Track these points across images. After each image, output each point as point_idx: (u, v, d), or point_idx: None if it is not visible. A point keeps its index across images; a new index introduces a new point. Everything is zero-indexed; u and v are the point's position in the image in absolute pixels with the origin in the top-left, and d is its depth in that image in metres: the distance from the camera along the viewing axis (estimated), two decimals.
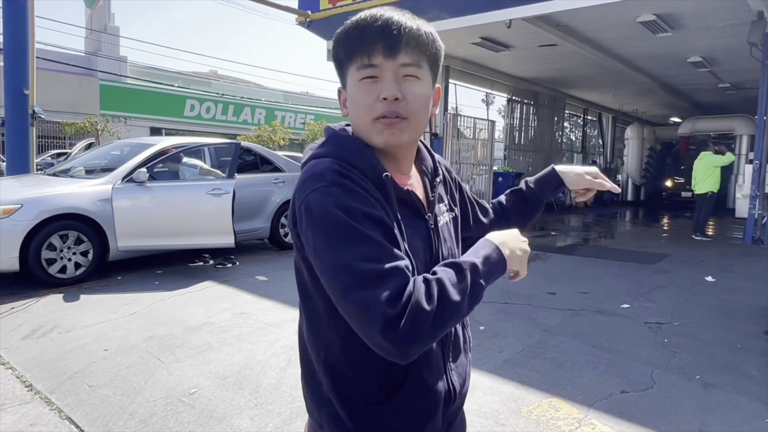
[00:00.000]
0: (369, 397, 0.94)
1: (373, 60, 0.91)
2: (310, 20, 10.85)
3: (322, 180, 0.87)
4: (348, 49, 0.94)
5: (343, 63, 0.96)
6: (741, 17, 8.52)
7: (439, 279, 0.83)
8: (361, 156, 0.94)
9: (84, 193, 5.57)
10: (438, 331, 0.82)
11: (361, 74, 0.92)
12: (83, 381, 3.22)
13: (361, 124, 0.95)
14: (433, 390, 0.98)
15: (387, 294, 0.78)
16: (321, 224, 0.85)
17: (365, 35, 0.91)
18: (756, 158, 9.12)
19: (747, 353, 3.88)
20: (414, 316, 0.78)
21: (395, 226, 0.90)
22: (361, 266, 0.80)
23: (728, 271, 6.74)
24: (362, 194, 0.87)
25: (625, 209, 17.21)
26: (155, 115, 24.73)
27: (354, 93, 0.94)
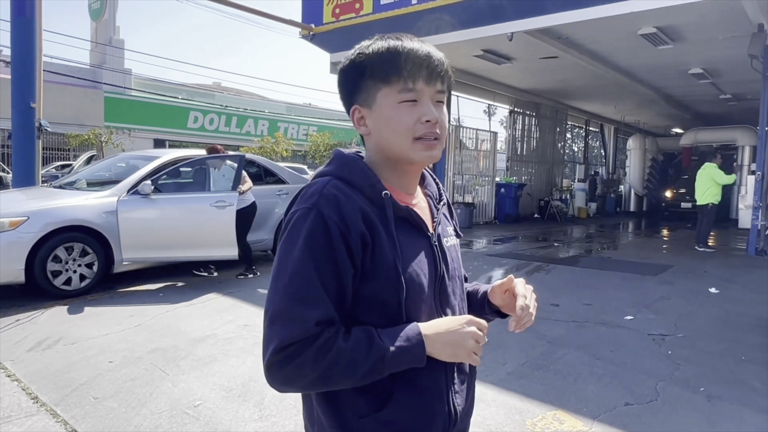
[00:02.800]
0: (357, 409, 0.96)
1: (417, 85, 0.97)
2: (313, 33, 10.95)
3: (308, 201, 0.94)
4: (387, 71, 0.97)
5: (375, 83, 0.98)
6: (741, 29, 8.58)
7: (341, 350, 0.88)
8: (363, 175, 0.99)
9: (89, 206, 5.61)
10: (318, 388, 0.92)
11: (402, 97, 0.97)
12: (88, 393, 3.23)
13: (398, 143, 0.99)
14: (427, 409, 0.99)
15: (282, 339, 0.87)
16: (285, 242, 0.94)
17: (409, 61, 0.97)
18: (758, 169, 9.13)
19: (752, 365, 3.87)
20: (294, 371, 0.87)
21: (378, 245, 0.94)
22: (282, 299, 0.89)
23: (732, 282, 6.73)
24: (333, 230, 0.90)
25: (627, 220, 17.21)
26: (159, 127, 24.88)
27: (391, 113, 0.98)
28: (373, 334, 0.91)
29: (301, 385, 0.90)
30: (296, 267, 0.90)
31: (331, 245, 0.90)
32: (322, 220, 0.91)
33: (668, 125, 21.39)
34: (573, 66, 11.56)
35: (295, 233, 0.92)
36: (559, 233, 12.64)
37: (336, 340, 0.89)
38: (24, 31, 7.99)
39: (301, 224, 0.92)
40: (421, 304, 0.99)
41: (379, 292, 0.95)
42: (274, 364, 0.87)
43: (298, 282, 0.89)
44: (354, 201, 0.94)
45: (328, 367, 0.87)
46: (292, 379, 0.88)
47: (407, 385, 0.97)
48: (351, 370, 0.88)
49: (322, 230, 0.90)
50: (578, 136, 22.48)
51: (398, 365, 0.93)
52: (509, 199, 14.43)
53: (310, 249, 0.90)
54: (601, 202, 18.69)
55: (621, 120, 20.36)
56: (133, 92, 24.63)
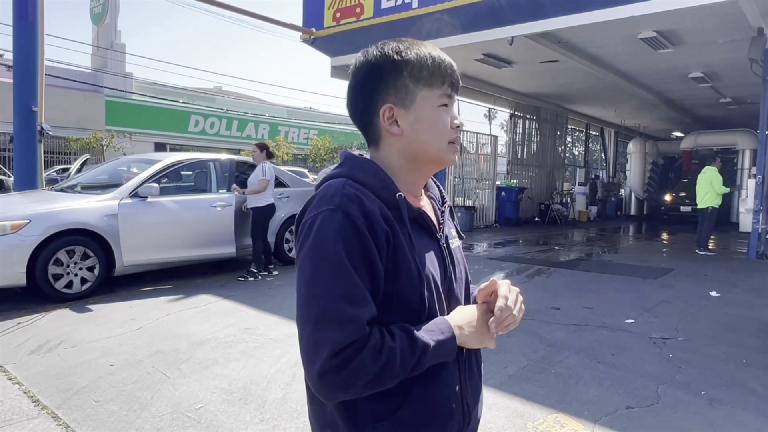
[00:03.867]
0: (373, 412, 0.95)
1: (452, 92, 1.04)
2: (314, 37, 10.99)
3: (330, 203, 0.92)
4: (435, 74, 1.01)
5: (416, 85, 1.00)
6: (741, 33, 8.61)
7: (392, 348, 0.88)
8: (376, 176, 0.98)
9: (91, 209, 5.62)
10: (367, 391, 0.89)
11: (442, 101, 1.02)
12: (90, 396, 3.23)
13: (436, 144, 1.02)
14: (443, 408, 1.00)
15: (337, 341, 0.84)
16: (313, 246, 0.90)
17: (450, 70, 1.03)
18: (759, 172, 9.14)
19: (753, 369, 3.87)
20: (352, 374, 0.84)
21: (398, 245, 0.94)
22: (329, 302, 0.86)
23: (733, 286, 6.73)
24: (362, 229, 0.90)
25: (628, 223, 17.21)
26: (160, 131, 24.91)
27: (432, 116, 1.01)
28: (411, 330, 0.92)
29: (358, 388, 0.86)
30: (335, 268, 0.88)
31: (364, 244, 0.89)
32: (350, 219, 0.90)
33: (668, 129, 21.42)
34: (573, 70, 11.59)
35: (324, 235, 0.90)
36: (560, 237, 12.64)
37: (385, 338, 0.88)
38: (26, 36, 8.02)
39: (328, 226, 0.90)
40: (436, 304, 1.00)
41: (401, 292, 0.94)
42: (330, 370, 0.84)
43: (341, 282, 0.87)
44: (374, 201, 0.94)
45: (383, 367, 0.86)
46: (349, 383, 0.85)
47: (422, 386, 0.97)
48: (402, 368, 0.88)
49: (352, 230, 0.89)
50: (579, 140, 22.51)
51: (436, 358, 0.94)
52: (510, 203, 14.44)
53: (345, 249, 0.88)
54: (602, 206, 18.70)
55: (621, 124, 20.39)
56: (134, 96, 24.65)
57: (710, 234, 9.98)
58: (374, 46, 1.03)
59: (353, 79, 1.04)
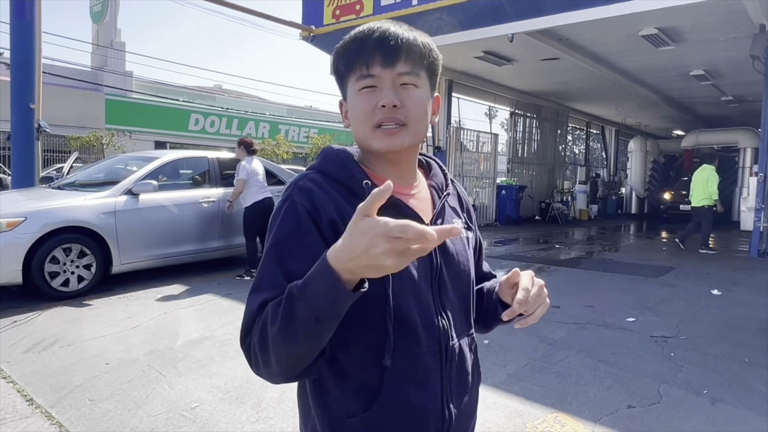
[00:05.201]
0: (346, 408, 0.93)
1: (372, 70, 0.93)
2: (314, 35, 10.95)
3: (284, 194, 0.96)
4: (347, 61, 0.96)
5: (343, 75, 0.99)
6: (743, 31, 8.56)
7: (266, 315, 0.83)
8: (342, 166, 0.98)
9: (87, 206, 5.59)
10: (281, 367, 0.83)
11: (360, 84, 0.95)
12: (84, 395, 3.19)
13: (361, 132, 0.97)
14: (418, 409, 0.94)
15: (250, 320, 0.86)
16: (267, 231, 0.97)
17: (363, 47, 0.94)
18: (761, 171, 9.09)
19: (755, 368, 3.83)
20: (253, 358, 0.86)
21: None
22: (257, 283, 0.89)
23: (734, 285, 6.69)
24: (302, 215, 0.90)
25: (628, 222, 17.17)
26: (160, 129, 24.88)
27: (353, 102, 0.97)
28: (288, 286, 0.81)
29: (264, 364, 0.84)
30: (264, 257, 0.92)
31: (299, 228, 0.90)
32: (294, 207, 0.92)
33: (669, 127, 21.37)
34: (574, 67, 11.54)
35: (271, 223, 0.95)
36: (560, 235, 12.59)
37: (268, 312, 0.82)
38: (23, 33, 7.98)
39: (276, 214, 0.94)
40: (411, 296, 0.93)
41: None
42: (245, 351, 0.88)
43: (260, 270, 0.91)
44: (329, 193, 0.93)
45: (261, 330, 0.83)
46: (257, 364, 0.86)
47: (395, 382, 0.93)
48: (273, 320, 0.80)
49: (292, 216, 0.91)
50: (579, 138, 22.46)
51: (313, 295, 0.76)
52: (510, 201, 14.40)
53: (278, 232, 0.91)
54: (602, 205, 18.65)
55: (622, 122, 20.34)
56: (134, 95, 24.63)
57: (709, 233, 9.91)
58: None
59: None
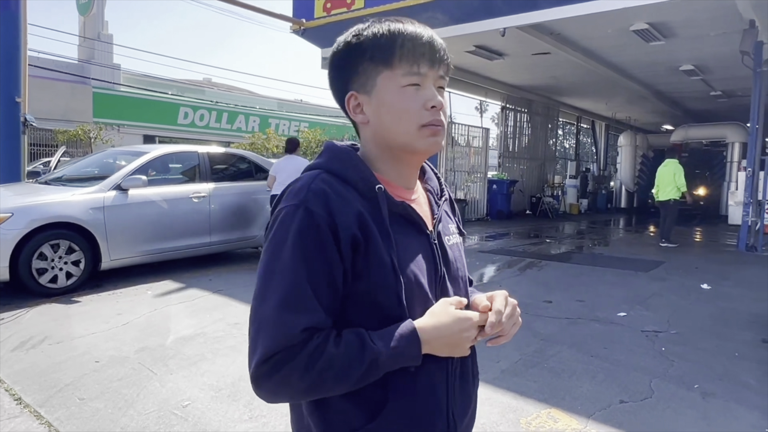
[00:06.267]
0: (348, 420, 0.90)
1: (422, 68, 0.92)
2: (304, 28, 10.86)
3: (296, 197, 0.87)
4: (390, 54, 0.91)
5: (375, 66, 0.92)
6: (733, 26, 8.60)
7: (332, 356, 0.82)
8: (354, 167, 0.93)
9: (75, 202, 5.51)
10: (307, 397, 0.88)
11: (407, 80, 0.91)
12: (74, 394, 3.15)
13: (402, 130, 0.92)
14: (421, 419, 0.93)
15: (269, 347, 0.81)
16: (270, 243, 0.87)
17: (416, 43, 0.92)
18: (749, 165, 9.18)
19: (745, 362, 3.86)
20: (282, 381, 0.82)
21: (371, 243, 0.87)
22: (268, 306, 0.83)
23: (723, 279, 6.75)
24: (322, 227, 0.84)
25: (618, 216, 17.28)
26: (149, 123, 24.65)
27: (395, 98, 0.92)
28: (365, 336, 0.85)
29: (290, 395, 0.85)
30: (284, 269, 0.83)
31: (322, 244, 0.84)
32: (311, 217, 0.84)
33: (659, 122, 21.49)
34: (565, 62, 11.55)
35: (283, 232, 0.86)
36: (551, 230, 12.65)
37: (326, 345, 0.82)
38: (8, 25, 7.83)
39: (288, 222, 0.86)
40: (420, 306, 0.92)
41: (373, 293, 0.88)
42: (260, 376, 0.82)
43: (285, 286, 0.83)
44: (345, 197, 0.88)
45: (319, 375, 0.81)
46: (279, 390, 0.83)
47: (402, 393, 0.90)
48: (344, 377, 0.83)
49: (311, 229, 0.84)
50: (570, 133, 22.55)
51: (393, 365, 0.86)
52: (501, 196, 14.43)
53: (300, 249, 0.84)
54: (592, 199, 18.75)
55: (612, 117, 20.42)
56: (122, 88, 24.35)
57: (673, 226, 9.93)
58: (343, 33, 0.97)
59: (328, 73, 1.00)
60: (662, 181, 9.86)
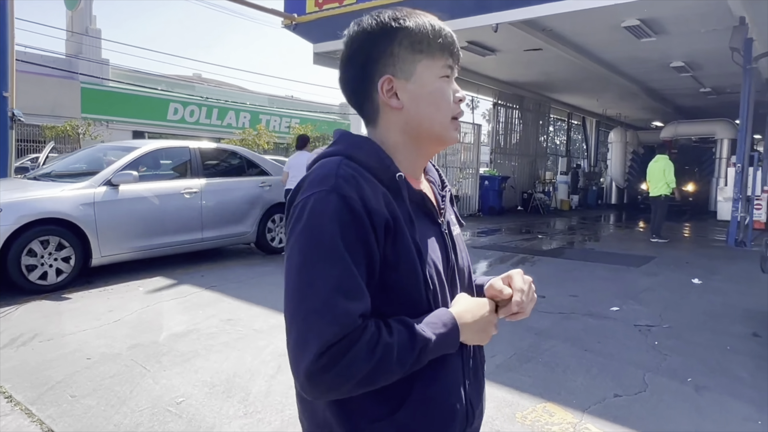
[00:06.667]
0: (370, 413, 0.88)
1: (454, 63, 0.97)
2: (296, 23, 10.79)
3: (324, 184, 0.84)
4: (432, 45, 0.93)
5: (414, 54, 0.93)
6: (723, 23, 8.65)
7: (388, 344, 0.81)
8: (375, 155, 0.91)
9: (65, 197, 5.44)
10: (359, 390, 0.82)
11: (444, 72, 0.95)
12: (65, 391, 3.11)
13: (438, 120, 0.94)
14: (445, 408, 0.93)
15: (327, 338, 0.77)
16: (305, 231, 0.82)
17: (451, 39, 0.96)
18: (738, 161, 9.26)
19: (737, 355, 3.90)
20: (342, 373, 0.77)
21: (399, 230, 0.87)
22: (319, 294, 0.79)
23: (714, 273, 6.81)
24: (359, 212, 0.82)
25: (608, 212, 17.38)
26: (138, 119, 24.43)
27: (434, 88, 0.94)
28: (412, 324, 0.85)
29: (349, 387, 0.79)
30: (330, 256, 0.80)
31: (361, 228, 0.82)
32: (346, 202, 0.82)
33: (649, 118, 21.63)
34: (557, 58, 11.58)
35: (318, 219, 0.82)
36: (543, 225, 12.70)
37: (381, 333, 0.81)
38: None
39: (322, 209, 0.82)
40: (439, 295, 0.93)
41: (401, 280, 0.87)
42: (317, 370, 0.77)
43: (336, 272, 0.79)
44: (372, 182, 0.87)
45: (378, 364, 0.79)
46: (339, 383, 0.78)
47: (425, 383, 0.90)
48: (398, 365, 0.82)
49: (348, 213, 0.81)
50: (561, 129, 22.62)
51: (437, 352, 0.88)
52: (493, 192, 14.47)
53: (341, 234, 0.81)
54: (583, 195, 18.85)
55: (603, 113, 20.52)
56: (110, 83, 24.12)
57: (663, 222, 10.01)
58: (369, 15, 0.95)
59: (347, 50, 0.96)
60: (653, 177, 9.93)
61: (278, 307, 4.84)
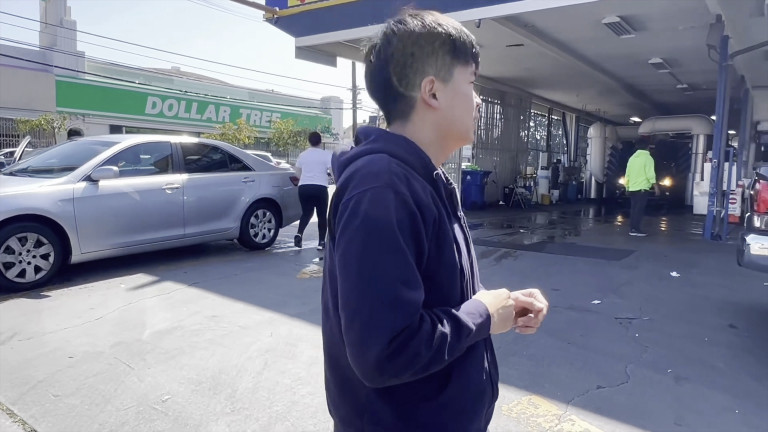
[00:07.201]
0: (417, 394, 0.94)
1: (477, 70, 1.05)
2: (278, 17, 10.69)
3: (379, 180, 0.87)
4: (467, 53, 1.02)
5: (452, 59, 1.00)
6: (700, 20, 8.80)
7: (444, 334, 0.86)
8: (415, 153, 0.96)
9: (43, 193, 5.33)
10: (416, 377, 0.86)
11: (471, 78, 1.03)
12: (48, 390, 3.07)
13: (467, 120, 1.03)
14: (478, 387, 1.01)
15: (396, 326, 0.81)
16: (364, 225, 0.85)
17: (477, 47, 1.05)
18: (714, 156, 9.45)
19: (714, 346, 4.00)
20: (408, 360, 0.82)
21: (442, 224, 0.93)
22: (385, 284, 0.83)
23: (691, 266, 6.96)
24: (412, 208, 0.87)
25: (588, 206, 17.62)
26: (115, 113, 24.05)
27: (466, 92, 1.03)
28: (456, 314, 0.91)
29: (410, 373, 0.84)
30: (391, 248, 0.84)
31: (415, 224, 0.87)
32: (401, 198, 0.86)
33: (627, 114, 21.92)
34: (538, 54, 11.66)
35: (377, 213, 0.85)
36: (524, 220, 12.83)
37: (436, 323, 0.87)
38: None
39: (380, 204, 0.85)
40: (467, 286, 1.00)
41: (442, 272, 0.93)
42: (388, 356, 0.80)
43: (401, 265, 0.84)
44: (418, 179, 0.92)
45: (435, 352, 0.84)
46: (404, 369, 0.83)
47: (461, 366, 0.97)
48: (449, 351, 0.87)
49: (404, 209, 0.86)
50: (541, 125, 22.83)
51: (474, 340, 0.95)
52: (475, 187, 14.55)
53: (400, 229, 0.85)
54: (563, 189, 19.06)
55: (582, 109, 20.75)
56: (86, 76, 23.65)
57: (642, 216, 10.18)
58: (408, 15, 1.00)
59: (388, 47, 0.98)
60: (633, 172, 10.08)
61: (263, 304, 4.82)
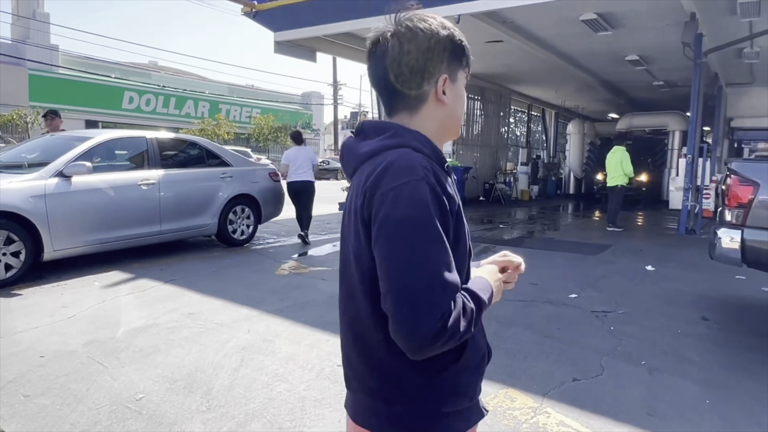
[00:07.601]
0: (440, 362, 1.03)
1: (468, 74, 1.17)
2: (256, 11, 10.57)
3: (415, 174, 0.95)
4: (468, 58, 1.14)
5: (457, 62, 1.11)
6: (675, 18, 8.94)
7: (472, 309, 0.97)
8: (431, 146, 1.06)
9: (14, 189, 5.20)
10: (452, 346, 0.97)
11: (465, 81, 1.15)
12: (17, 390, 3.00)
13: (458, 118, 1.15)
14: (482, 348, 1.14)
15: (445, 306, 0.91)
16: (407, 216, 0.93)
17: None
18: (689, 152, 9.62)
19: (687, 338, 4.07)
20: (451, 335, 0.92)
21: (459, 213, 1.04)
22: (434, 268, 0.92)
23: (666, 260, 7.08)
24: (442, 199, 0.97)
25: (567, 202, 17.82)
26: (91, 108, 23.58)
27: (463, 92, 1.14)
28: (474, 291, 1.02)
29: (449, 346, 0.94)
30: (433, 236, 0.93)
31: (445, 214, 0.97)
32: (434, 190, 0.96)
33: (605, 110, 22.20)
34: (517, 50, 11.74)
35: (418, 204, 0.94)
36: (504, 215, 12.92)
37: (465, 301, 0.97)
38: None
39: (419, 196, 0.94)
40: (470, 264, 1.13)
41: (457, 254, 1.01)
42: (437, 332, 0.89)
43: (440, 250, 0.94)
44: (442, 172, 1.02)
45: (467, 326, 0.95)
46: (446, 343, 0.92)
47: (473, 336, 1.07)
48: (475, 325, 0.98)
49: (436, 200, 0.96)
50: (521, 121, 22.98)
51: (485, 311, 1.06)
52: (455, 182, 14.61)
53: (438, 219, 0.95)
54: (543, 185, 19.25)
55: (561, 105, 20.96)
56: (61, 70, 23.15)
57: (619, 211, 10.35)
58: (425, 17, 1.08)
59: (406, 43, 1.05)
60: (610, 168, 10.22)
61: (240, 300, 4.77)
